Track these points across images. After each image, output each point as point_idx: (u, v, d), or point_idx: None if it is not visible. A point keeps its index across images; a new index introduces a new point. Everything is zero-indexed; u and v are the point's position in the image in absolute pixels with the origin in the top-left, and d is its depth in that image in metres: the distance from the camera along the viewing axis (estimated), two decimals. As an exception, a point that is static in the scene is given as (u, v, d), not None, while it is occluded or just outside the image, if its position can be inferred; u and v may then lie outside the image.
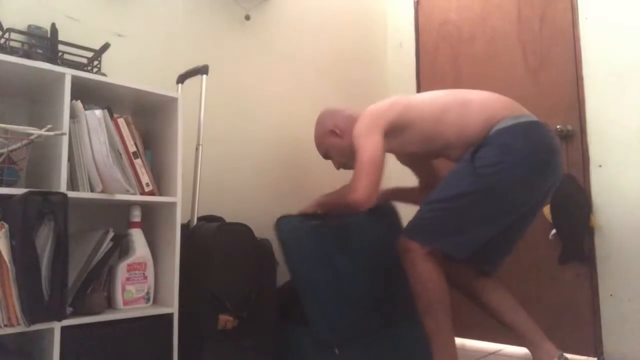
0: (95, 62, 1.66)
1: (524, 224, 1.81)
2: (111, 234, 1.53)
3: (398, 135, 1.83)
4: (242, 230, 1.78)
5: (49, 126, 1.40)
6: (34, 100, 1.62)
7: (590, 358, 2.19)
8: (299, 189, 2.49)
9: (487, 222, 1.70)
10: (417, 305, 1.70)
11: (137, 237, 1.64)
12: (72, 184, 1.46)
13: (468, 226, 1.70)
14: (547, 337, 1.79)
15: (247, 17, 2.33)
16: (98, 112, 1.52)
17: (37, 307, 1.27)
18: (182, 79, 1.95)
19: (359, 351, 1.83)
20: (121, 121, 1.60)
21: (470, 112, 1.76)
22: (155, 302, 1.65)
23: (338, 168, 2.12)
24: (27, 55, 1.50)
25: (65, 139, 1.42)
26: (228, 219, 1.90)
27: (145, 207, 1.69)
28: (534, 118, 1.75)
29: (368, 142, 1.77)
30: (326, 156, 2.11)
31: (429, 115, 1.82)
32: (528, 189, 1.71)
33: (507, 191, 1.68)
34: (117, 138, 1.58)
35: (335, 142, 2.02)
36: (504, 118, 1.71)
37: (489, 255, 1.81)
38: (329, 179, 2.64)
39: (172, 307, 1.60)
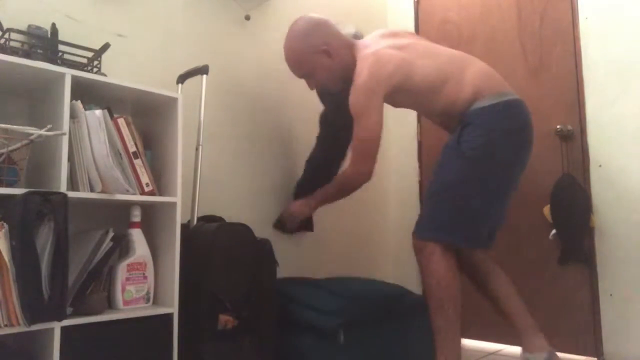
0: (95, 62, 1.66)
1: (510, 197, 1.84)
2: (111, 234, 1.53)
3: (392, 93, 1.81)
4: (242, 230, 1.78)
5: (49, 126, 1.40)
6: (34, 100, 1.62)
7: (590, 358, 2.19)
8: (299, 189, 2.49)
9: (491, 204, 1.72)
10: (428, 302, 1.69)
11: (137, 237, 1.63)
12: (72, 184, 1.46)
13: (475, 213, 1.70)
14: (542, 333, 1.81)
15: (247, 17, 2.33)
16: (98, 112, 1.52)
17: (37, 307, 1.27)
18: (182, 79, 1.95)
19: (362, 343, 1.83)
20: (121, 121, 1.60)
21: (464, 84, 1.77)
22: (155, 302, 1.65)
23: (313, 88, 1.97)
24: (27, 55, 1.50)
25: (65, 139, 1.42)
26: (228, 219, 1.90)
27: (145, 207, 1.69)
28: (516, 95, 1.79)
29: (369, 118, 1.77)
30: (306, 75, 1.93)
31: (427, 85, 1.80)
32: (516, 164, 1.76)
33: (500, 169, 1.71)
34: (117, 138, 1.57)
35: (326, 62, 1.87)
36: (489, 94, 1.74)
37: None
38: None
39: (172, 307, 1.60)
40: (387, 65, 1.77)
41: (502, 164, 1.72)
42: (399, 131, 2.92)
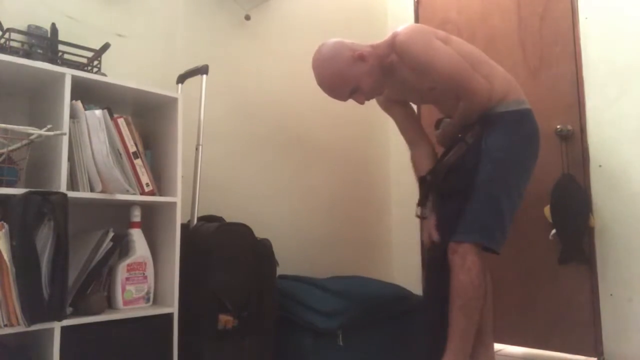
0: (95, 62, 1.66)
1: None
2: (111, 234, 1.53)
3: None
4: (242, 230, 1.78)
5: (49, 126, 1.40)
6: (34, 100, 1.62)
7: (590, 358, 2.19)
8: (300, 188, 2.49)
9: (511, 206, 1.73)
10: (455, 300, 1.67)
11: (137, 237, 1.64)
12: (72, 184, 1.46)
13: (504, 214, 1.71)
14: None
15: (247, 17, 2.33)
16: (98, 112, 1.52)
17: (37, 307, 1.27)
18: (182, 79, 1.95)
19: (362, 343, 1.84)
20: (121, 121, 1.60)
21: (493, 83, 1.78)
22: (155, 302, 1.65)
23: (364, 102, 1.90)
24: (27, 55, 1.50)
25: (65, 139, 1.42)
26: (228, 219, 1.90)
27: (145, 207, 1.69)
28: (529, 105, 1.83)
29: (439, 51, 1.73)
30: (354, 91, 1.85)
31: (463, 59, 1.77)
32: (529, 171, 1.79)
33: (520, 172, 1.74)
34: (117, 138, 1.58)
35: (364, 68, 1.81)
36: (514, 99, 1.77)
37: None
38: (329, 176, 2.64)
39: (172, 307, 1.60)
40: (427, 27, 1.86)
41: (521, 167, 1.76)
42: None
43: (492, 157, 1.71)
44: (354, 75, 1.80)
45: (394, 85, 1.93)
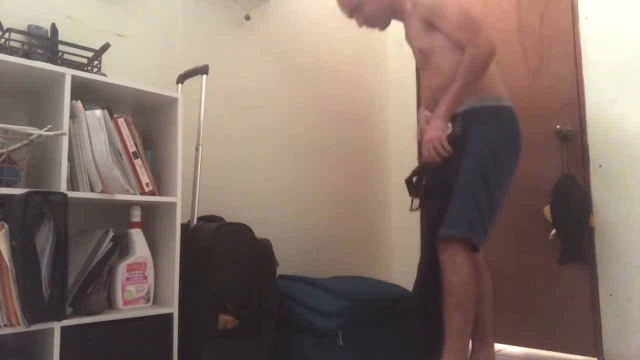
0: (95, 62, 1.66)
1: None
2: (111, 234, 1.53)
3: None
4: (242, 230, 1.78)
5: (49, 126, 1.40)
6: (34, 100, 1.62)
7: (590, 358, 2.19)
8: (300, 188, 2.49)
9: (492, 204, 1.73)
10: (448, 300, 1.66)
11: (137, 237, 1.64)
12: (72, 184, 1.47)
13: (483, 212, 1.70)
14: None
15: (247, 17, 2.33)
16: (98, 112, 1.52)
17: (37, 307, 1.27)
18: (182, 79, 1.95)
19: (362, 343, 1.84)
20: (121, 121, 1.60)
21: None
22: (155, 302, 1.65)
23: (362, 25, 2.00)
24: (27, 55, 1.50)
25: (65, 139, 1.42)
26: (228, 219, 1.91)
27: (145, 207, 1.69)
28: (509, 103, 1.82)
29: (452, 2, 1.77)
30: (355, 8, 1.96)
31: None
32: (511, 167, 1.79)
33: (500, 169, 1.73)
34: (117, 138, 1.58)
35: None
36: (494, 95, 1.77)
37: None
38: (329, 176, 2.64)
39: (172, 307, 1.60)
40: None
41: (500, 163, 1.74)
42: (399, 131, 2.93)
43: (471, 151, 1.71)
44: None
45: None
